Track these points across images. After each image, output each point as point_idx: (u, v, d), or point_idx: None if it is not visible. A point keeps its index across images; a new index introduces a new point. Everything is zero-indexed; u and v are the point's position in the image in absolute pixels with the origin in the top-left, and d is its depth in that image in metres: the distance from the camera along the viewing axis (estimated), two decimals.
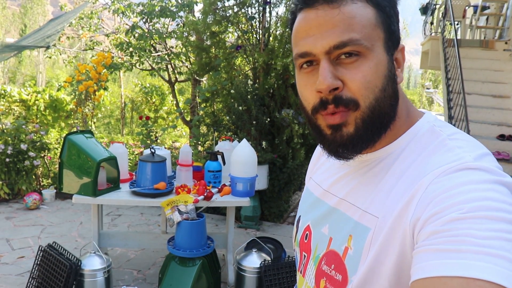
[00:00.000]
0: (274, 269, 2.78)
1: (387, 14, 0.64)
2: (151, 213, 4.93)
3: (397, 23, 0.66)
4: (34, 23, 28.93)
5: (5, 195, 5.05)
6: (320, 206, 0.77)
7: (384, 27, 0.63)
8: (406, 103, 0.70)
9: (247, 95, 4.52)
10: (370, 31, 0.62)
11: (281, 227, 4.73)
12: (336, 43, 0.60)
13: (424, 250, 0.51)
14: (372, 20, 0.62)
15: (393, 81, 0.64)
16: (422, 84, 29.38)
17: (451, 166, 0.56)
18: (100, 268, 2.72)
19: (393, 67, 0.65)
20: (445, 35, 6.56)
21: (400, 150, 0.66)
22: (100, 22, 8.19)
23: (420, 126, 0.67)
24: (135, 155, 6.29)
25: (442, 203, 0.52)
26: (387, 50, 0.64)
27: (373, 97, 0.62)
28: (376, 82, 0.62)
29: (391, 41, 0.65)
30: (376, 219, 0.62)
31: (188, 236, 2.74)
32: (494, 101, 5.54)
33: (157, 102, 11.31)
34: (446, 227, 0.50)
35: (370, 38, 0.61)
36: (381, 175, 0.66)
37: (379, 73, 0.62)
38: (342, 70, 0.62)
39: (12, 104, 7.33)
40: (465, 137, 0.63)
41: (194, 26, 5.11)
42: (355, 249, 0.64)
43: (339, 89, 0.62)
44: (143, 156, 2.95)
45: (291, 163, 4.62)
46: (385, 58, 0.63)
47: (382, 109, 0.63)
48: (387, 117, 0.64)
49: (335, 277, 0.67)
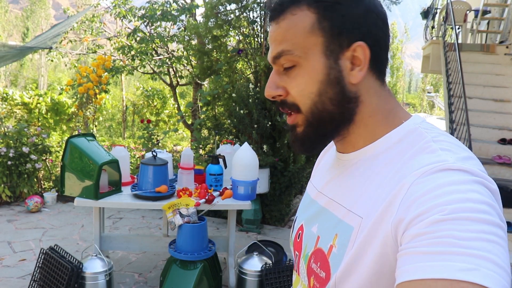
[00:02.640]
0: (275, 272, 2.78)
1: (330, 16, 0.64)
2: (152, 216, 4.94)
3: (348, 22, 0.64)
4: (37, 27, 29.04)
5: (6, 198, 5.06)
6: (313, 206, 0.79)
7: (323, 32, 0.64)
8: (385, 101, 0.69)
9: (248, 98, 4.53)
10: (303, 40, 0.65)
11: (282, 230, 4.73)
12: (274, 55, 0.68)
13: (408, 252, 0.51)
14: (307, 28, 0.65)
15: (337, 84, 0.65)
16: (423, 88, 29.39)
17: (432, 167, 0.56)
18: (102, 271, 2.72)
19: (337, 70, 0.65)
20: (446, 39, 6.56)
21: (383, 150, 0.66)
22: (102, 26, 8.23)
23: (405, 127, 0.67)
24: (137, 158, 6.30)
25: (424, 204, 0.53)
26: (327, 54, 0.65)
27: (310, 102, 0.67)
28: (310, 88, 0.66)
29: (335, 43, 0.65)
30: (360, 219, 0.63)
31: (189, 239, 2.74)
32: (495, 105, 5.53)
33: (158, 105, 11.34)
34: (428, 229, 0.50)
35: (302, 47, 0.65)
36: (366, 175, 0.67)
37: (312, 79, 0.66)
38: (285, 79, 0.69)
39: (14, 107, 7.36)
40: (450, 139, 0.63)
41: (196, 30, 5.13)
42: (339, 247, 0.65)
43: (282, 95, 0.69)
44: (144, 159, 2.96)
45: (292, 167, 4.62)
46: (321, 63, 0.65)
47: (323, 112, 0.67)
48: (333, 118, 0.68)
49: (319, 274, 0.68)
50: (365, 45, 0.65)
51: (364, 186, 0.66)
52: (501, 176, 4.51)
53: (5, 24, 27.59)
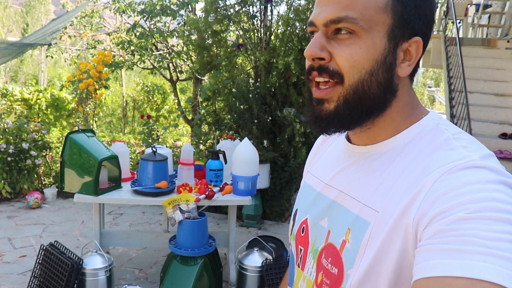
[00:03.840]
0: (276, 268, 2.78)
1: (402, 2, 0.63)
2: (153, 212, 4.94)
3: (416, 14, 0.63)
4: (36, 22, 28.97)
5: (6, 194, 5.06)
6: (321, 200, 0.76)
7: (394, 14, 0.62)
8: (412, 99, 0.69)
9: (248, 94, 4.52)
10: (372, 13, 0.62)
11: (282, 226, 4.73)
12: (333, 18, 0.62)
13: (428, 248, 0.50)
14: (380, 4, 0.62)
15: (388, 70, 0.64)
16: (424, 82, 29.33)
17: (458, 164, 0.56)
18: (102, 267, 2.72)
19: (393, 57, 0.64)
20: (447, 34, 6.54)
21: (403, 145, 0.65)
22: (101, 21, 8.19)
23: (425, 123, 0.66)
24: (137, 154, 6.30)
25: (448, 201, 0.52)
26: (390, 37, 0.63)
27: (357, 77, 0.63)
28: (363, 63, 0.62)
29: (400, 30, 0.63)
30: (376, 213, 0.62)
31: (189, 235, 2.74)
32: (496, 99, 5.52)
33: (158, 101, 11.32)
34: (451, 227, 0.49)
35: (369, 20, 0.62)
36: (382, 169, 0.65)
37: (369, 55, 0.62)
38: (334, 44, 0.64)
39: (14, 103, 7.34)
40: (469, 137, 0.62)
41: (196, 25, 5.11)
42: (352, 242, 0.64)
43: (325, 60, 0.64)
44: (144, 155, 2.95)
45: (292, 162, 4.61)
46: (382, 43, 0.63)
47: (366, 93, 0.63)
48: (372, 103, 0.65)
49: (331, 270, 0.67)
50: (421, 43, 0.64)
51: (380, 179, 0.64)
52: None
53: (5, 20, 27.52)
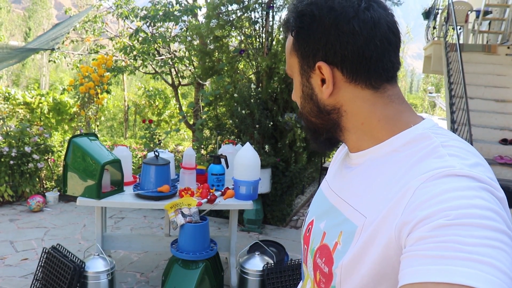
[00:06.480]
0: (277, 272, 2.79)
1: (298, 40, 0.71)
2: (154, 216, 4.95)
3: (314, 45, 0.68)
4: (38, 26, 29.09)
5: (9, 198, 5.07)
6: (324, 203, 0.81)
7: (297, 53, 0.73)
8: (387, 110, 0.69)
9: (250, 99, 4.54)
10: (289, 59, 0.76)
11: (283, 230, 4.74)
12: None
13: (411, 255, 0.52)
14: (289, 50, 0.75)
15: (310, 99, 0.74)
16: (425, 88, 29.31)
17: (438, 172, 0.57)
18: (104, 270, 2.73)
19: (309, 88, 0.73)
20: (447, 40, 6.56)
21: (389, 152, 0.67)
22: (104, 26, 8.24)
23: (412, 131, 0.67)
24: (139, 158, 6.31)
25: (429, 208, 0.53)
26: (302, 73, 0.73)
27: (301, 111, 0.79)
28: (297, 100, 0.78)
29: (305, 64, 0.72)
30: (364, 218, 0.64)
31: (191, 239, 2.75)
32: (497, 105, 5.53)
33: (160, 105, 11.34)
34: (432, 233, 0.51)
35: (290, 66, 0.77)
36: (372, 176, 0.68)
37: (297, 93, 0.77)
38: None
39: (16, 107, 7.36)
40: (460, 144, 0.63)
41: (198, 30, 5.15)
42: (343, 244, 0.66)
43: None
44: (147, 159, 2.97)
45: (293, 167, 4.63)
46: (299, 81, 0.75)
47: (307, 121, 0.78)
48: (318, 127, 0.77)
49: (323, 269, 0.70)
50: (326, 64, 0.68)
51: (368, 186, 0.67)
52: (503, 177, 4.51)
53: (7, 24, 27.64)
